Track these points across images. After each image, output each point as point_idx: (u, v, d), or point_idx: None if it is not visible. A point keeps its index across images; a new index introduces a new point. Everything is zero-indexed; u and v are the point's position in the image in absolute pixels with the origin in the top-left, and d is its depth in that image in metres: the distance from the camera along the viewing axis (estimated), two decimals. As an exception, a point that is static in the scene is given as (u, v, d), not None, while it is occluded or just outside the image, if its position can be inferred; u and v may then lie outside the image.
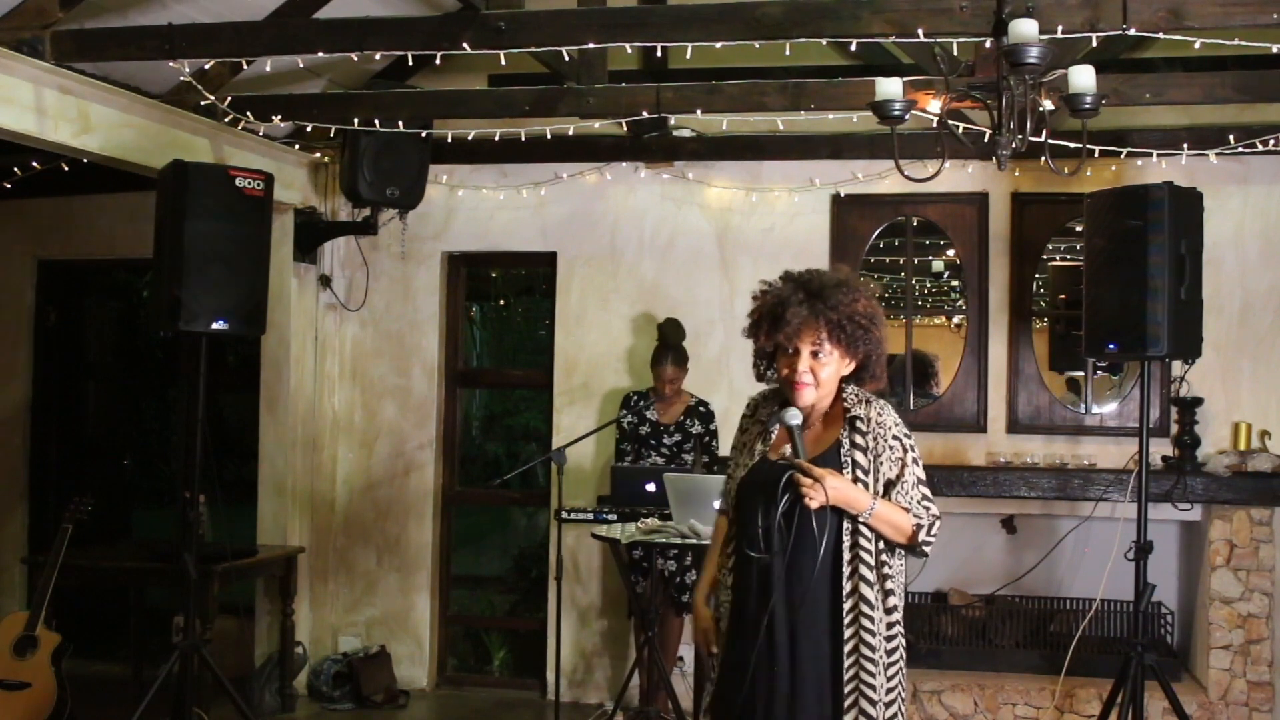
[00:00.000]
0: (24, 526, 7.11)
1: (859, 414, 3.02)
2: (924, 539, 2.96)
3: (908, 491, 2.97)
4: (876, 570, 2.95)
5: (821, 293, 2.99)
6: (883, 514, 2.92)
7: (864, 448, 2.98)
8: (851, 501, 2.91)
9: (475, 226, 6.75)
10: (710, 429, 6.06)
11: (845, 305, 2.98)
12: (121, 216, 6.84)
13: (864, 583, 2.94)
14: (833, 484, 2.87)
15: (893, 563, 2.99)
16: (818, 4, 4.35)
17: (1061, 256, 6.30)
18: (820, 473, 2.87)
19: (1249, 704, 5.56)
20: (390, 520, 6.78)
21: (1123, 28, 4.04)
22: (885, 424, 3.01)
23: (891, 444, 2.99)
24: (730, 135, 5.98)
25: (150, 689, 4.72)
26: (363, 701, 6.33)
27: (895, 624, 2.97)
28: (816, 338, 2.98)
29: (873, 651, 2.92)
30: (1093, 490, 5.67)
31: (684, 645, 6.14)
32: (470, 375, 7.17)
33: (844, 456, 2.98)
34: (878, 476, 2.97)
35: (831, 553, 2.94)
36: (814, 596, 2.94)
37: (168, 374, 8.39)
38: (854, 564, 2.94)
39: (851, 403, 3.04)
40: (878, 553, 2.96)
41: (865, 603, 2.93)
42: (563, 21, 4.60)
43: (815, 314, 2.97)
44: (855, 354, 3.03)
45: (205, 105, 5.45)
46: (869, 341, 3.02)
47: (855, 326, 2.99)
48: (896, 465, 2.98)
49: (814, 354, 2.99)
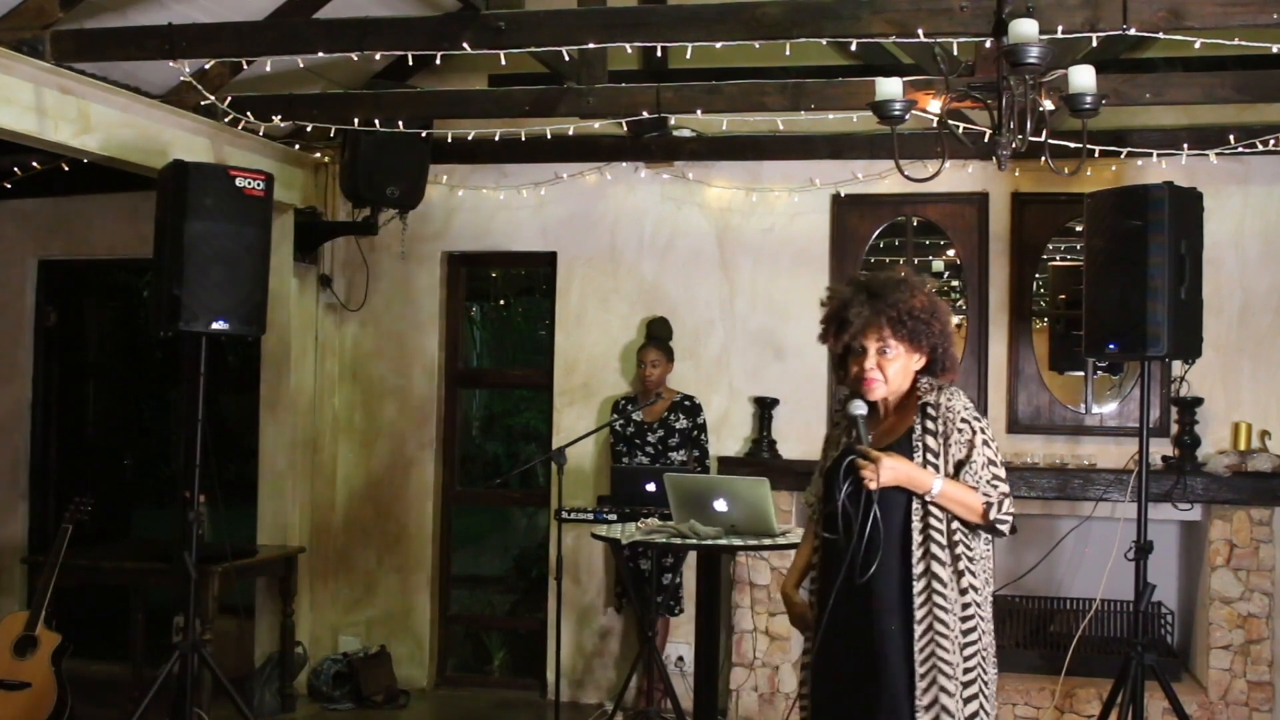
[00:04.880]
0: (24, 526, 7.10)
1: (930, 400, 3.17)
2: (996, 516, 3.06)
3: (977, 471, 3.08)
4: (950, 550, 3.07)
5: (881, 292, 3.17)
6: (949, 493, 3.05)
7: (934, 431, 3.12)
8: (914, 482, 3.05)
9: (475, 226, 6.76)
10: (698, 422, 6.06)
11: (904, 302, 3.14)
12: (121, 216, 6.85)
13: (936, 561, 3.06)
14: (889, 465, 3.01)
15: (974, 546, 3.11)
16: (818, 4, 4.35)
17: (1061, 256, 6.30)
18: (877, 455, 3.02)
19: (1249, 704, 5.56)
20: (390, 520, 6.78)
21: (1123, 28, 4.04)
22: (954, 408, 3.14)
23: (960, 427, 3.11)
24: (730, 135, 5.98)
25: (150, 689, 4.71)
26: (363, 701, 6.33)
27: (970, 604, 3.06)
28: (880, 335, 3.15)
29: (947, 629, 3.03)
30: (1093, 490, 5.67)
31: (684, 645, 6.15)
32: (470, 375, 7.17)
33: (915, 441, 3.13)
34: (947, 458, 3.10)
35: (901, 533, 3.08)
36: (888, 576, 3.07)
37: (168, 374, 8.40)
38: (925, 544, 3.07)
39: (924, 391, 3.19)
40: (950, 533, 3.08)
41: (938, 580, 3.05)
42: (563, 21, 4.61)
43: (876, 313, 3.14)
44: (921, 347, 3.18)
45: (205, 105, 5.45)
46: (930, 334, 3.17)
47: (915, 321, 3.14)
48: (965, 447, 3.10)
49: (880, 351, 3.16)
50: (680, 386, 6.18)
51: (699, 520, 4.50)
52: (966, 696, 3.05)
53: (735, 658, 6.05)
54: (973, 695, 3.05)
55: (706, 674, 4.83)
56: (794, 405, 6.29)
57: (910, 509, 3.08)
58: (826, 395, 6.28)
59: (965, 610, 3.06)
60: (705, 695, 4.72)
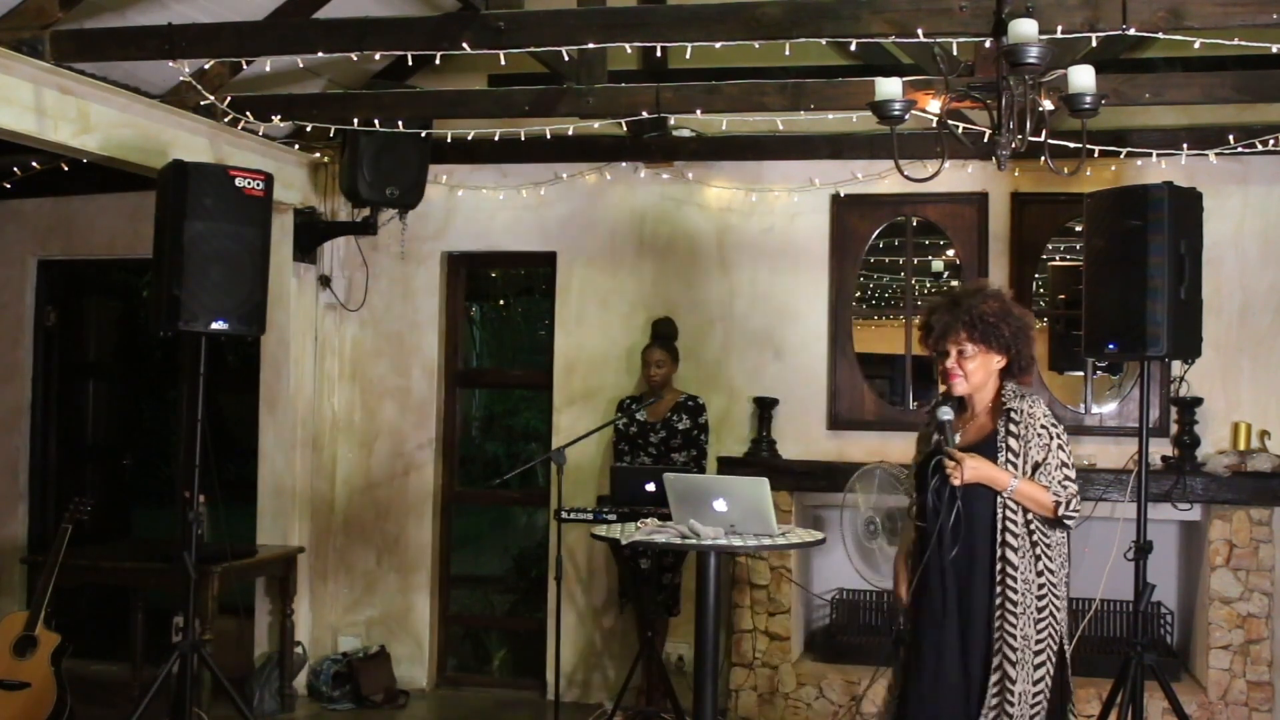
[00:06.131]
0: (24, 526, 7.10)
1: (1013, 407, 3.62)
2: (1064, 513, 3.54)
3: (1051, 473, 3.55)
4: (1027, 538, 3.55)
5: (960, 299, 3.67)
6: (1024, 491, 3.53)
7: (1016, 435, 3.59)
8: (993, 480, 3.53)
9: (475, 226, 6.76)
10: (699, 422, 6.06)
11: (976, 307, 3.61)
12: (121, 216, 6.85)
13: (1009, 548, 3.54)
14: (971, 465, 3.50)
15: (1050, 535, 3.59)
16: (818, 4, 4.35)
17: (1061, 256, 6.30)
18: (961, 456, 3.51)
19: (1249, 704, 5.56)
20: (390, 520, 6.78)
21: (1122, 28, 4.04)
22: (1035, 415, 3.59)
23: (1040, 432, 3.58)
24: (730, 135, 5.98)
25: (150, 689, 4.72)
26: (362, 701, 6.33)
27: (1046, 585, 3.55)
28: (958, 337, 3.61)
29: (1016, 606, 3.51)
30: (1092, 490, 5.66)
31: (683, 645, 6.15)
32: (470, 375, 7.17)
33: (1000, 443, 3.59)
34: (1026, 459, 3.57)
35: (989, 523, 3.56)
36: (974, 559, 3.56)
37: (168, 374, 8.38)
38: (1002, 533, 3.55)
39: (1008, 397, 3.65)
40: (1026, 523, 3.55)
41: (1010, 564, 3.54)
42: (563, 21, 4.60)
43: (955, 318, 3.62)
44: (997, 348, 3.63)
45: (205, 105, 5.45)
46: (1001, 336, 3.61)
47: (985, 324, 3.59)
48: (1043, 450, 3.56)
49: (960, 352, 3.63)
50: (680, 386, 6.18)
51: (699, 520, 4.49)
52: (1036, 664, 3.53)
53: (735, 658, 6.05)
54: (1041, 663, 3.54)
55: (706, 674, 4.83)
56: (794, 405, 6.29)
57: (996, 503, 3.55)
58: (826, 395, 6.29)
59: (1040, 590, 3.54)
60: (705, 695, 4.72)
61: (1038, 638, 3.54)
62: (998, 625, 3.53)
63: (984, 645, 3.55)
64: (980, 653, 3.56)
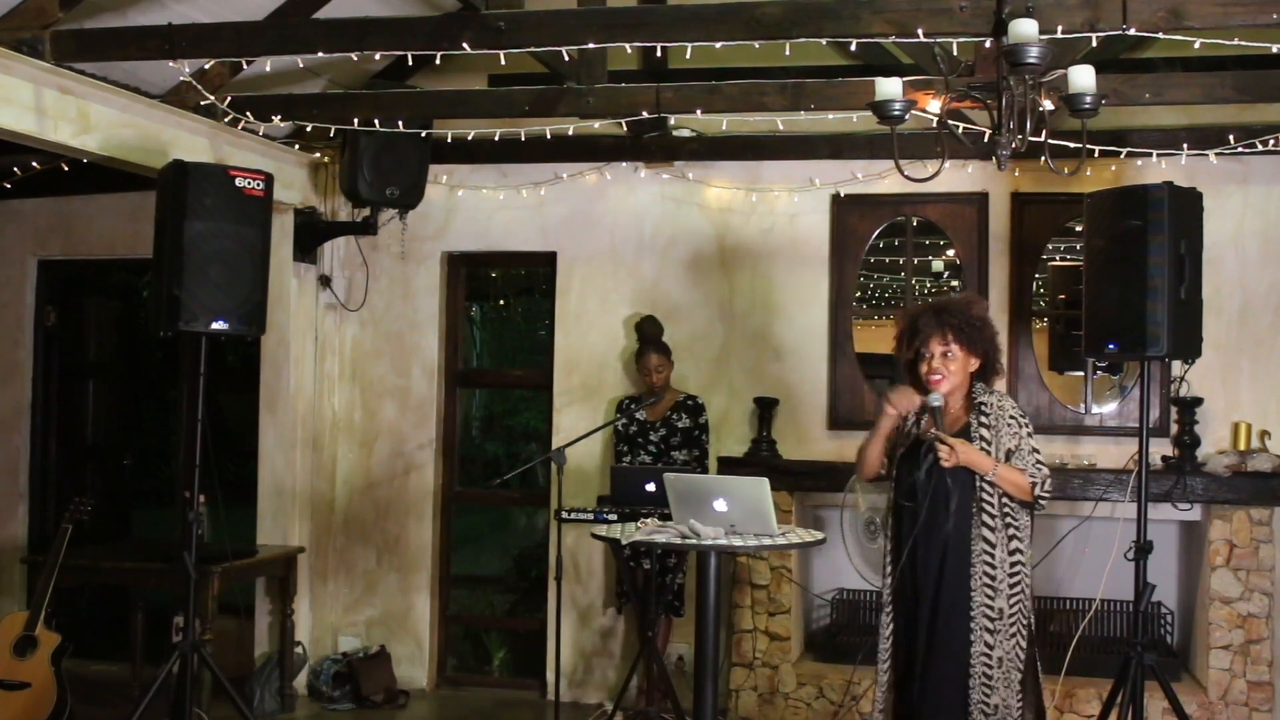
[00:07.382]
0: (24, 526, 7.10)
1: (984, 400, 4.00)
2: (1039, 493, 3.90)
3: (1024, 457, 3.91)
4: (1001, 518, 3.91)
5: (946, 306, 4.03)
6: (1003, 474, 3.88)
7: (988, 425, 3.95)
8: (978, 463, 3.87)
9: (475, 226, 6.76)
10: (700, 422, 6.06)
11: (962, 312, 3.98)
12: (121, 216, 6.85)
13: (985, 526, 3.90)
14: (963, 448, 3.83)
15: (1020, 518, 3.94)
16: (818, 4, 4.35)
17: (1061, 256, 6.29)
18: (953, 441, 3.83)
19: (1249, 704, 5.56)
20: (390, 520, 6.78)
21: (1123, 28, 4.04)
22: (1004, 407, 3.99)
23: (1009, 422, 3.95)
24: (730, 135, 5.98)
25: (150, 689, 4.71)
26: (362, 701, 6.33)
27: (1018, 563, 3.91)
28: (944, 339, 3.94)
29: (993, 580, 3.88)
30: (1092, 490, 5.67)
31: (683, 645, 6.15)
32: (470, 375, 7.17)
33: (972, 434, 3.94)
34: (999, 447, 3.92)
35: (967, 505, 3.88)
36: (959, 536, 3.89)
37: (168, 374, 8.38)
38: (978, 513, 3.90)
39: (978, 393, 4.02)
40: (1000, 505, 3.91)
41: (986, 541, 3.90)
42: (563, 21, 4.60)
43: (942, 322, 3.95)
44: (977, 351, 3.99)
45: (205, 105, 5.45)
46: (984, 340, 3.99)
47: (971, 328, 3.97)
48: (1014, 438, 3.93)
49: (944, 354, 3.95)
50: (680, 386, 6.18)
51: (699, 520, 4.49)
52: (1010, 634, 3.89)
53: (735, 658, 6.05)
54: (1014, 633, 3.89)
55: (707, 674, 4.83)
56: (794, 405, 6.29)
57: (974, 485, 3.88)
58: (826, 395, 6.28)
59: (1013, 568, 3.90)
60: (705, 695, 4.72)
61: (1010, 610, 3.89)
62: (975, 599, 3.87)
63: (964, 617, 3.88)
64: (961, 623, 3.88)
